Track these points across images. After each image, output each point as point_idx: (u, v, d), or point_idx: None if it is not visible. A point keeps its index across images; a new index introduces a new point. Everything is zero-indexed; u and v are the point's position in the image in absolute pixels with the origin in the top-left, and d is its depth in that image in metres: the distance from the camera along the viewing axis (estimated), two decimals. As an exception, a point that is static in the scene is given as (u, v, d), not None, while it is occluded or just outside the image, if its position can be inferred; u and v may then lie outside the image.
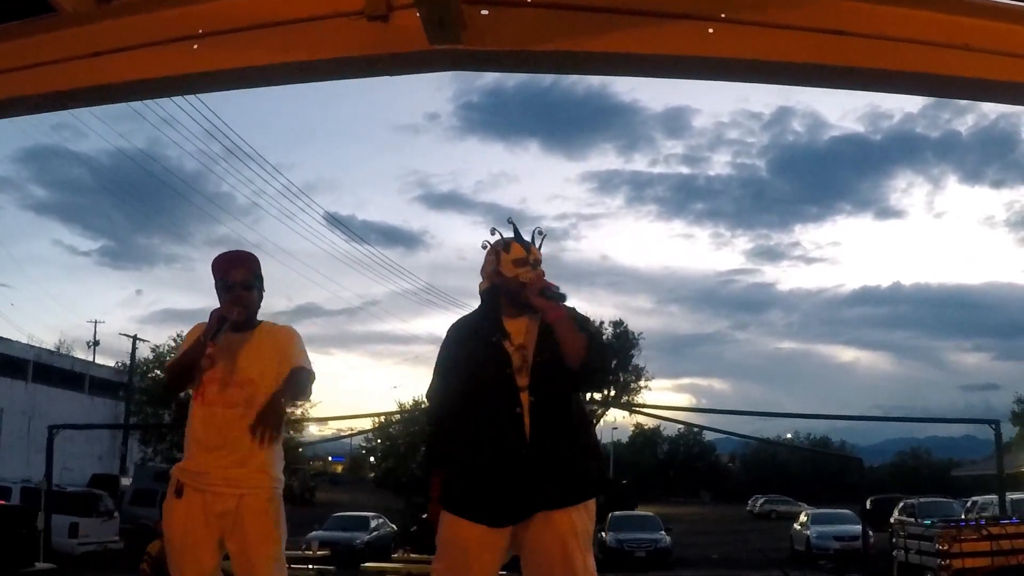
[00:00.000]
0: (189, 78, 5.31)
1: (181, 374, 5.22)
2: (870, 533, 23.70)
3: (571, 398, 4.66)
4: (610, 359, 4.57)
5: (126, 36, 5.05)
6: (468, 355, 4.70)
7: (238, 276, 5.21)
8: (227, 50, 5.04)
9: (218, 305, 5.17)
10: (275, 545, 5.09)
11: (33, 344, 56.72)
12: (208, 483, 5.00)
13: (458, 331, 4.86)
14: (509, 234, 4.84)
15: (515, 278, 4.66)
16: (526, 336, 4.62)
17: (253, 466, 5.03)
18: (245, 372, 5.11)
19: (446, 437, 4.76)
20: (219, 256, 5.34)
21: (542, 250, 4.84)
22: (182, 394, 5.44)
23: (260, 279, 5.34)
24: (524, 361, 4.58)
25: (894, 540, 6.34)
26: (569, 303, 4.64)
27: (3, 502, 6.63)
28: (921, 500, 37.05)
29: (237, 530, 4.98)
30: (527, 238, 4.84)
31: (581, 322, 4.68)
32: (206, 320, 5.16)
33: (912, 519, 29.68)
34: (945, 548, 5.31)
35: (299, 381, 5.20)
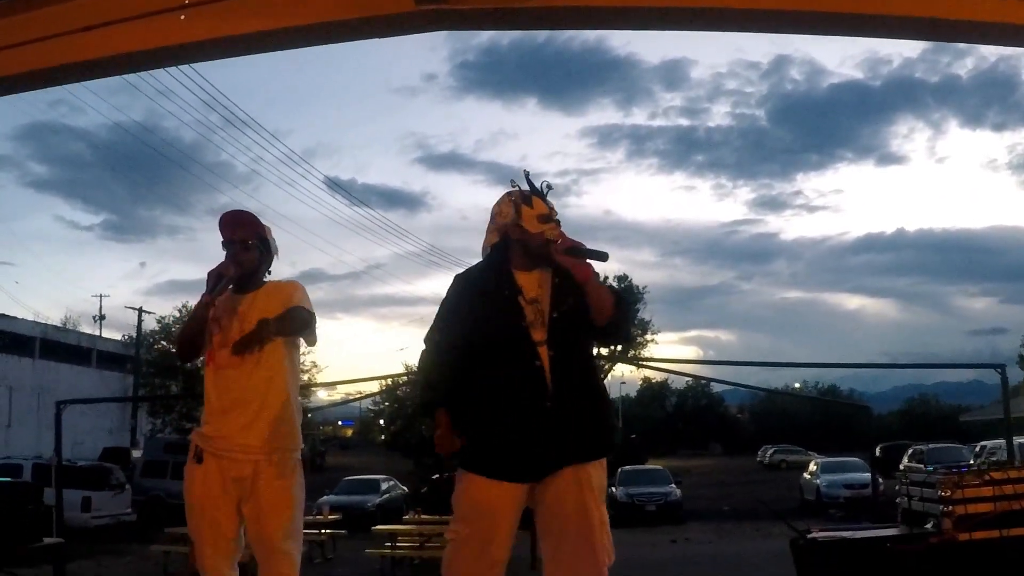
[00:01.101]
0: (178, 49, 5.30)
1: (190, 341, 5.23)
2: (880, 480, 23.75)
3: (587, 352, 4.64)
4: (633, 316, 4.56)
5: (114, 10, 5.04)
6: (477, 309, 4.59)
7: (236, 235, 5.19)
8: (214, 19, 5.03)
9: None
10: (289, 511, 5.07)
11: (39, 321, 56.94)
12: (225, 448, 5.00)
13: (466, 283, 4.74)
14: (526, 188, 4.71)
15: (540, 234, 4.53)
16: (539, 290, 4.53)
17: (266, 427, 5.01)
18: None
19: (444, 385, 4.61)
20: (224, 214, 5.34)
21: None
22: (196, 361, 5.44)
23: (264, 240, 5.31)
24: (538, 315, 4.49)
25: (898, 487, 6.37)
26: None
27: (9, 479, 6.67)
28: (930, 446, 37.15)
29: (253, 496, 4.99)
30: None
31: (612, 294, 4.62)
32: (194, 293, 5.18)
33: (920, 465, 29.72)
34: (947, 494, 5.31)
35: (294, 314, 5.13)
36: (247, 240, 5.20)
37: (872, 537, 5.77)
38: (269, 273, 5.38)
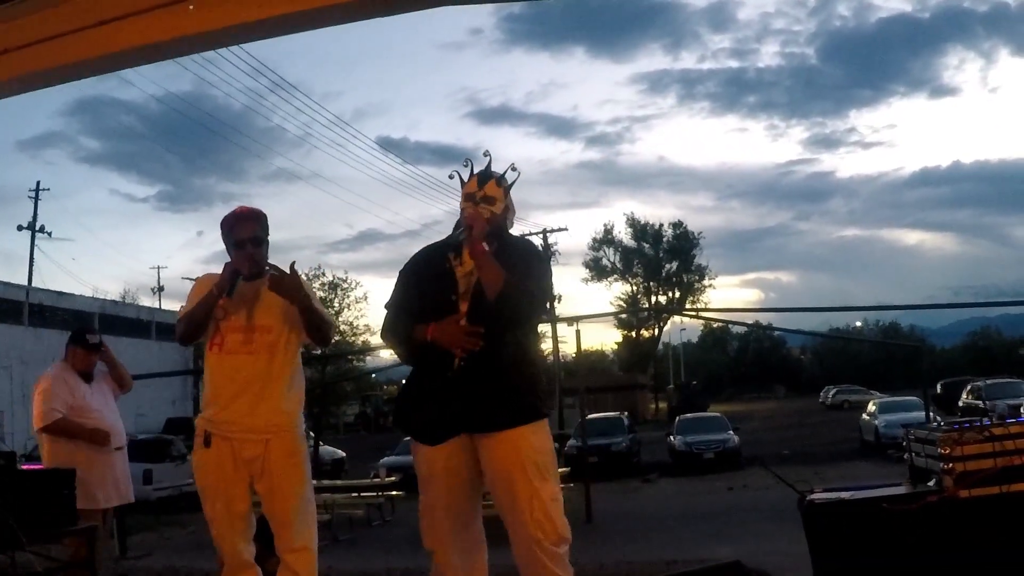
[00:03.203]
0: (190, 39, 5.34)
1: (196, 326, 5.33)
2: (938, 419, 23.58)
3: (510, 328, 4.72)
4: (524, 308, 4.65)
5: (127, 4, 5.10)
6: (422, 277, 4.87)
7: (246, 233, 5.30)
8: (220, 8, 5.08)
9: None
10: (301, 485, 5.28)
11: (97, 296, 57.42)
12: (234, 431, 5.17)
13: (422, 254, 5.02)
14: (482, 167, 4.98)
15: (463, 211, 4.82)
16: (475, 265, 4.69)
17: (274, 409, 5.21)
18: (264, 319, 5.25)
19: (404, 340, 4.87)
20: (227, 215, 5.43)
21: (513, 187, 4.98)
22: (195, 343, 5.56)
23: (267, 232, 5.44)
24: (468, 286, 4.70)
25: (904, 443, 6.36)
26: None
27: (41, 466, 6.86)
28: (987, 382, 36.35)
29: (265, 473, 5.17)
30: (506, 172, 4.98)
31: (526, 259, 4.78)
32: (212, 272, 5.37)
33: (979, 402, 29.46)
34: (947, 452, 5.34)
35: (324, 313, 5.39)
36: (255, 236, 5.32)
37: (868, 498, 5.80)
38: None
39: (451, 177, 4.99)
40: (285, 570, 5.20)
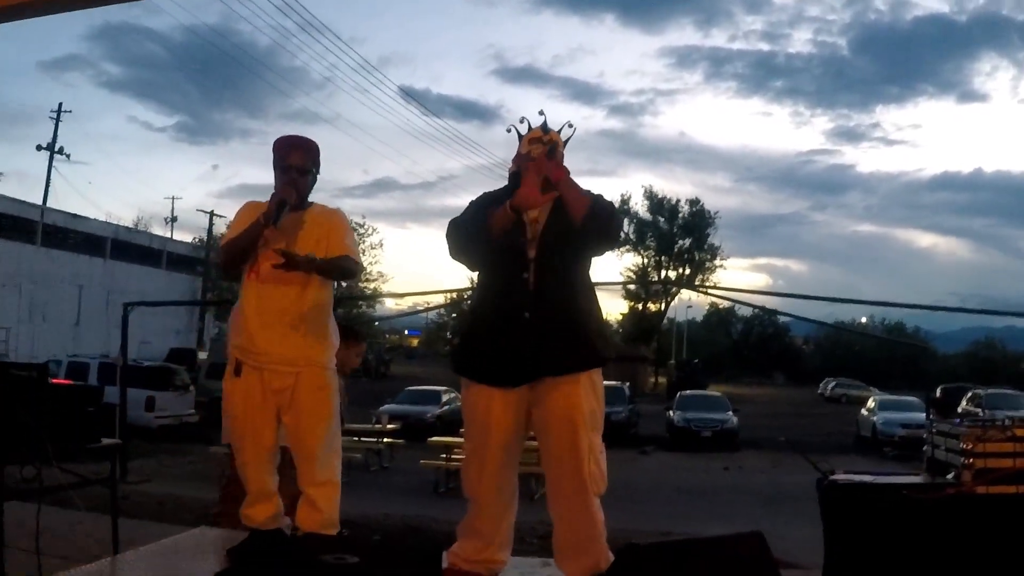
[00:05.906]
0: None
1: (238, 255, 5.31)
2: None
3: (577, 273, 4.88)
4: (614, 219, 4.79)
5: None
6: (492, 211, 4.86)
7: (296, 160, 5.26)
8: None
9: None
10: (328, 421, 5.23)
11: (111, 221, 57.29)
12: (266, 361, 5.12)
13: (486, 196, 5.04)
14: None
15: (527, 154, 4.89)
16: (540, 211, 4.80)
17: (307, 342, 5.17)
18: (300, 251, 5.10)
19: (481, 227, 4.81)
20: (281, 137, 5.38)
21: (568, 141, 5.08)
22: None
23: (317, 165, 5.42)
24: (535, 233, 4.79)
25: (925, 436, 6.44)
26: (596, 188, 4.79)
27: (71, 382, 6.87)
28: (988, 391, 36.22)
29: (293, 406, 5.13)
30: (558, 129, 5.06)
31: (589, 194, 4.84)
32: (254, 200, 5.37)
33: (979, 410, 29.46)
34: (969, 447, 5.41)
35: (343, 265, 5.30)
36: (303, 165, 5.29)
37: (890, 484, 5.86)
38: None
39: (508, 131, 5.06)
40: (307, 504, 5.19)
